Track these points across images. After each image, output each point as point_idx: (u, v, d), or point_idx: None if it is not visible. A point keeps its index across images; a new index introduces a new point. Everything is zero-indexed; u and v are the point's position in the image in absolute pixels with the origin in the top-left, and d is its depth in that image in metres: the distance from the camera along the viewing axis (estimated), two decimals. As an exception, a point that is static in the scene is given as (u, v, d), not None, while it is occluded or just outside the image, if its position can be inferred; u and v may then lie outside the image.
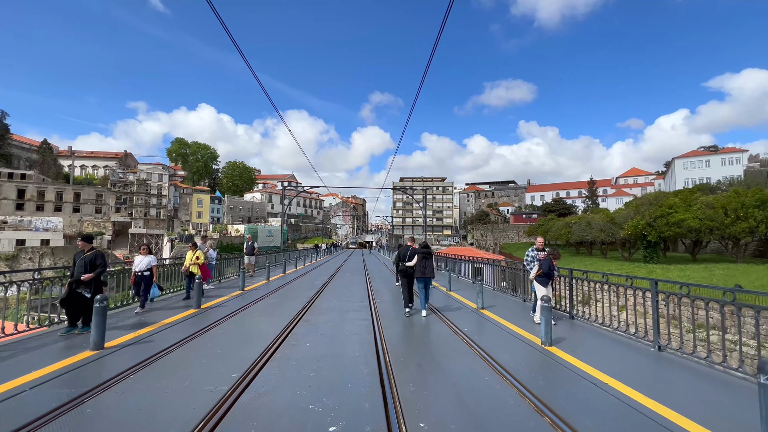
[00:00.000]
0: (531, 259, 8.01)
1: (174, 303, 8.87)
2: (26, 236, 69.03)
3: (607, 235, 34.17)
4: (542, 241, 8.21)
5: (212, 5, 5.77)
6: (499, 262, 13.84)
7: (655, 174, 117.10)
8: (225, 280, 14.00)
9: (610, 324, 6.66)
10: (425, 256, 8.28)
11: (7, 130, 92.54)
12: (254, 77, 8.32)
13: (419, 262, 8.20)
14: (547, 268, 7.10)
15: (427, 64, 7.66)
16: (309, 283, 13.61)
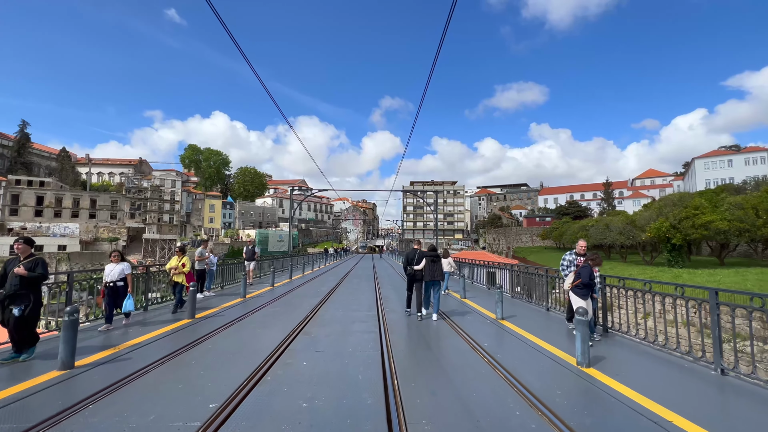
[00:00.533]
0: (567, 264, 7.02)
1: (163, 315, 8.21)
2: (44, 242, 70.55)
3: (627, 238, 32.69)
4: (585, 246, 7.09)
5: (219, 17, 5.24)
6: (513, 267, 13.00)
7: (674, 175, 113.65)
8: (229, 286, 13.43)
9: (654, 340, 5.75)
10: (433, 259, 8.25)
11: (28, 139, 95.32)
12: (262, 85, 7.77)
13: (428, 266, 8.14)
14: (587, 277, 6.08)
15: (432, 67, 7.39)
16: (314, 290, 12.93)
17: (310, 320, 7.57)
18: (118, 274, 6.87)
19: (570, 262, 6.96)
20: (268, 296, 11.12)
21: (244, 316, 7.94)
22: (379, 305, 9.61)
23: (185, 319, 7.42)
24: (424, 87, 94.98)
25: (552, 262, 47.39)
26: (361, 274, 20.56)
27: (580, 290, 6.14)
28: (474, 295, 11.79)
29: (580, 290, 6.14)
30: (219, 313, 8.29)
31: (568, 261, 7.05)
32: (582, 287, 6.12)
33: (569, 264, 6.95)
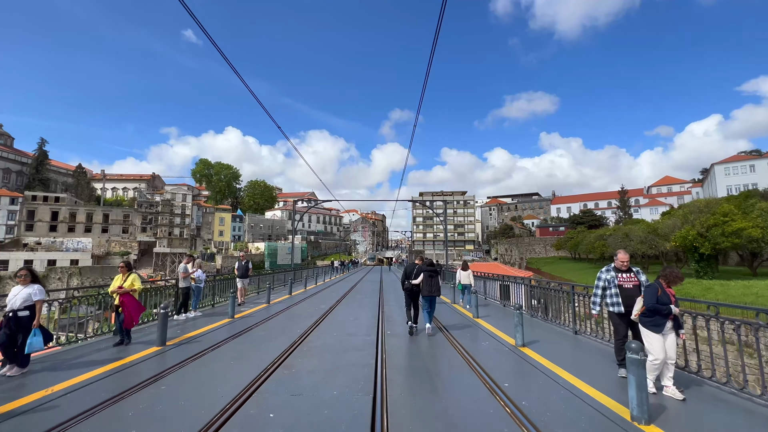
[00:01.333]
0: (606, 284, 5.24)
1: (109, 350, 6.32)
2: (57, 257, 71.41)
3: (649, 248, 30.83)
4: (626, 260, 5.29)
5: (215, 45, 4.48)
6: (530, 281, 11.76)
7: (691, 182, 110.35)
8: (222, 304, 12.47)
9: (727, 381, 4.47)
10: (431, 274, 8.16)
11: (46, 156, 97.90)
12: (258, 101, 6.98)
13: (425, 281, 8.08)
14: (651, 299, 4.39)
15: (426, 74, 6.08)
16: (312, 308, 11.84)
17: (296, 348, 6.47)
18: (21, 301, 5.12)
19: (609, 282, 5.22)
20: (259, 316, 10.06)
21: (223, 342, 6.87)
22: (380, 327, 8.46)
23: (153, 347, 6.40)
24: (433, 98, 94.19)
25: (568, 273, 45.35)
26: (366, 289, 19.39)
27: (649, 319, 4.43)
28: (488, 313, 10.53)
29: (649, 319, 4.43)
30: (196, 338, 7.25)
31: (605, 280, 5.27)
32: (649, 315, 4.43)
33: (608, 284, 5.21)
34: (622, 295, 5.02)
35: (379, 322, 9.09)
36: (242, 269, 13.00)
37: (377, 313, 10.74)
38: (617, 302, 5.03)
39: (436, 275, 8.30)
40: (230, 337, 7.30)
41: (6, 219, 75.02)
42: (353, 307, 12.10)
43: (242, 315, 10.17)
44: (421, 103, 9.14)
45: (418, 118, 10.50)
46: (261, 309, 11.51)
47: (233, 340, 7.16)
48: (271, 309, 11.59)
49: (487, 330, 8.18)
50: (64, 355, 6.05)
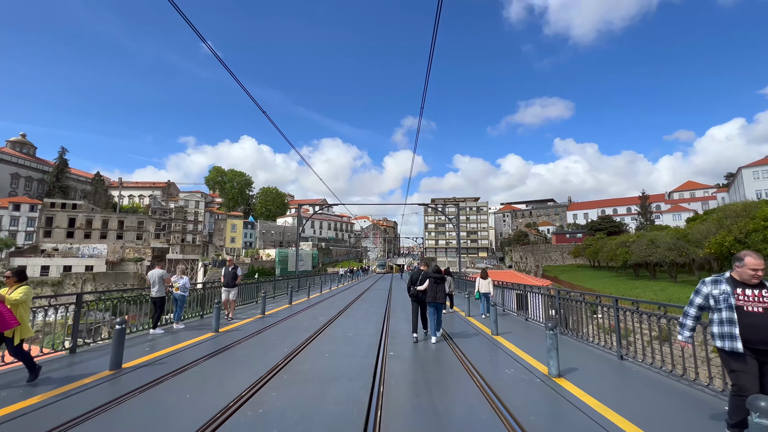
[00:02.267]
0: (711, 303, 3.48)
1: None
2: (73, 263, 72.45)
3: (678, 255, 28.71)
4: (761, 267, 3.33)
5: (217, 56, 3.57)
6: (547, 290, 10.52)
7: (716, 187, 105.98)
8: (212, 316, 11.46)
9: None
10: (437, 280, 8.15)
11: (66, 164, 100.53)
12: (262, 111, 6.07)
13: (431, 287, 8.06)
14: None
15: (426, 76, 5.14)
16: (309, 321, 10.68)
17: (276, 373, 5.29)
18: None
19: (718, 299, 3.41)
20: (247, 329, 8.94)
21: (189, 365, 5.69)
22: (382, 346, 7.21)
23: (101, 372, 5.29)
24: (445, 105, 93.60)
25: (590, 282, 43.08)
26: (372, 298, 18.10)
27: None
28: (508, 329, 9.15)
29: None
30: (162, 359, 6.10)
31: (710, 297, 3.49)
32: None
33: (717, 303, 3.41)
34: (742, 322, 3.23)
35: (382, 339, 7.85)
36: (229, 276, 10.85)
37: (381, 327, 9.49)
38: (731, 333, 3.26)
39: (442, 281, 8.24)
40: (202, 358, 6.13)
41: (26, 225, 76.85)
42: (355, 319, 10.87)
43: (228, 329, 9.07)
44: (423, 104, 9.30)
45: (420, 120, 10.76)
46: (253, 321, 10.40)
47: (204, 361, 5.99)
48: (265, 321, 10.48)
49: (510, 352, 6.83)
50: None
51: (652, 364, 5.57)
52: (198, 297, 10.60)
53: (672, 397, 4.39)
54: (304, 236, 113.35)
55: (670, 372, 5.19)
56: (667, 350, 5.25)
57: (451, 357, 6.41)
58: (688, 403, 4.26)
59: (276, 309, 13.10)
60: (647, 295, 25.96)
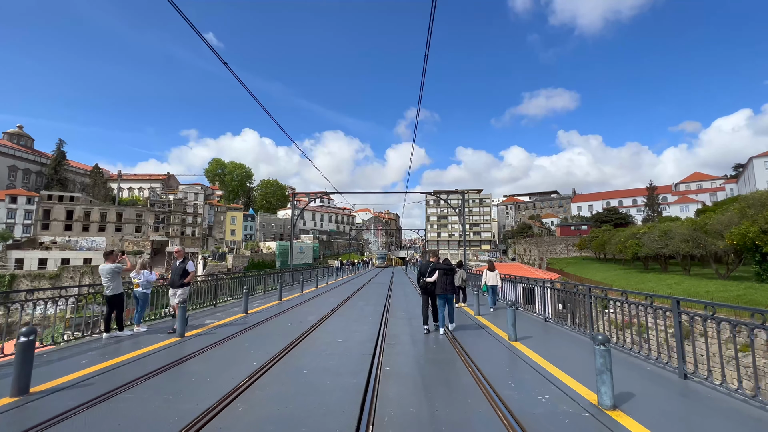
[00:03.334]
0: None
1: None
2: (71, 255, 71.69)
3: (695, 247, 27.24)
4: None
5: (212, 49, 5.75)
6: (575, 285, 9.36)
7: (724, 178, 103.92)
8: (202, 310, 10.19)
9: None
10: (446, 272, 8.16)
11: (64, 156, 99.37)
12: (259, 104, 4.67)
13: (440, 279, 8.07)
14: None
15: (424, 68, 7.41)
16: (295, 321, 9.35)
17: (226, 407, 3.95)
18: None
19: None
20: (218, 333, 7.62)
21: (124, 388, 4.36)
22: (377, 356, 5.88)
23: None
24: (449, 97, 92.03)
25: (597, 275, 41.71)
26: (371, 295, 16.71)
27: None
28: (527, 332, 7.81)
29: None
30: (90, 378, 4.75)
31: None
32: None
33: None
34: None
35: (377, 347, 6.51)
36: (177, 271, 8.29)
37: (378, 330, 8.16)
38: None
39: (451, 273, 8.24)
40: (140, 378, 4.74)
41: (23, 218, 75.96)
42: (348, 320, 9.54)
43: (199, 332, 7.75)
44: (421, 97, 9.41)
45: (419, 112, 9.76)
46: (230, 322, 9.10)
47: (143, 382, 4.62)
48: (246, 321, 9.19)
49: (538, 366, 5.43)
50: None
51: (722, 384, 4.20)
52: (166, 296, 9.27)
53: None
54: (305, 229, 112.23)
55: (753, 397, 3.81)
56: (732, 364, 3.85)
57: (465, 375, 5.07)
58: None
59: (262, 306, 11.80)
60: (662, 289, 24.60)
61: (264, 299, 14.03)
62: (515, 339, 6.99)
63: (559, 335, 7.73)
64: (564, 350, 6.40)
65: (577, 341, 7.04)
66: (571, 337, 7.49)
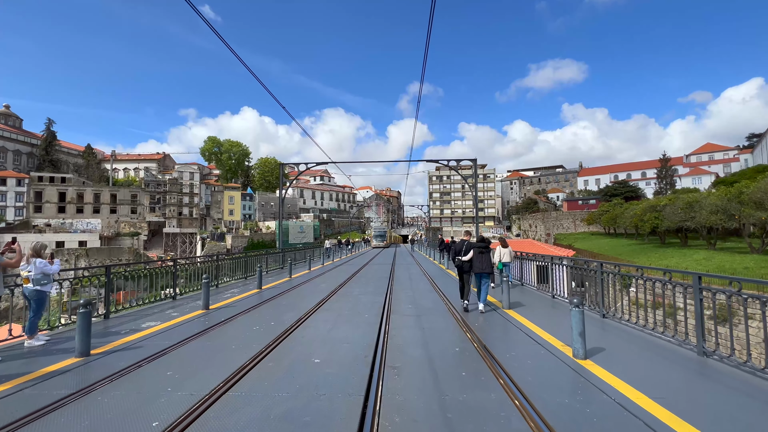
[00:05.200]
0: None
1: None
2: (66, 238, 70.11)
3: (728, 219, 24.80)
4: None
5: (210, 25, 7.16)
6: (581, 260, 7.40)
7: (737, 149, 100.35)
8: (139, 311, 7.97)
9: None
10: (482, 250, 8.17)
11: (55, 137, 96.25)
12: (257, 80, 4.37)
13: (476, 257, 8.11)
14: None
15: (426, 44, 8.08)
16: (268, 320, 7.10)
17: None
18: None
19: None
20: (150, 346, 5.37)
21: None
22: (374, 389, 3.64)
23: None
24: (453, 71, 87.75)
25: (611, 250, 39.49)
26: (368, 281, 14.27)
27: None
28: (552, 320, 5.56)
29: None
30: None
31: None
32: None
33: None
34: None
35: (372, 383, 4.07)
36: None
37: (375, 345, 5.56)
38: None
39: (487, 251, 8.27)
40: None
41: (15, 200, 73.98)
42: (338, 321, 7.14)
43: (111, 347, 5.48)
44: (424, 72, 9.43)
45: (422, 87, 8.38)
46: (183, 321, 6.88)
47: None
48: (209, 319, 7.00)
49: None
50: None
51: None
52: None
53: None
54: (305, 208, 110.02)
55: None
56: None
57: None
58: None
59: (231, 299, 9.52)
60: (693, 266, 22.36)
61: (242, 287, 11.83)
62: (584, 356, 4.61)
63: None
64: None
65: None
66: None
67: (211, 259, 12.01)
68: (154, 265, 7.93)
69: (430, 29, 7.45)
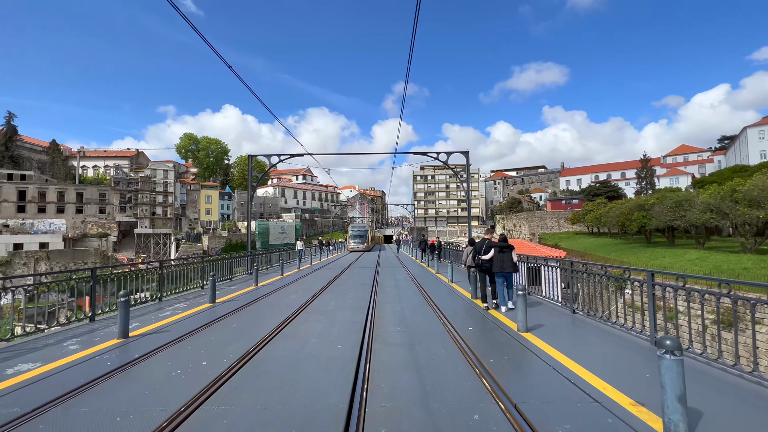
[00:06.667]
0: None
1: None
2: (25, 240, 64.94)
3: (721, 218, 24.13)
4: None
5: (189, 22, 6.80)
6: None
7: (710, 150, 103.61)
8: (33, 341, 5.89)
9: None
10: (502, 249, 7.88)
11: (15, 131, 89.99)
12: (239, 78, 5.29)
13: (496, 256, 7.87)
14: None
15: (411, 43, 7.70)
16: (198, 362, 5.17)
17: None
18: None
19: None
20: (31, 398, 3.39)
21: None
22: None
23: None
24: (438, 72, 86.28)
25: (599, 250, 38.86)
26: (345, 290, 12.40)
27: None
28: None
29: None
30: None
31: None
32: None
33: None
34: None
35: None
36: None
37: (352, 387, 3.90)
38: None
39: (508, 250, 7.91)
40: None
41: (-33, 200, 68.33)
42: (302, 356, 5.06)
43: None
44: (409, 70, 9.20)
45: (406, 88, 9.88)
46: (76, 362, 4.85)
47: None
48: (121, 354, 4.99)
49: None
50: None
51: None
52: None
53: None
54: (287, 207, 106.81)
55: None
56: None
57: None
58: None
59: (166, 320, 7.45)
60: (692, 268, 21.44)
61: (194, 300, 9.74)
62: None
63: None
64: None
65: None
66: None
67: (143, 265, 9.87)
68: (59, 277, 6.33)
69: (415, 29, 7.36)
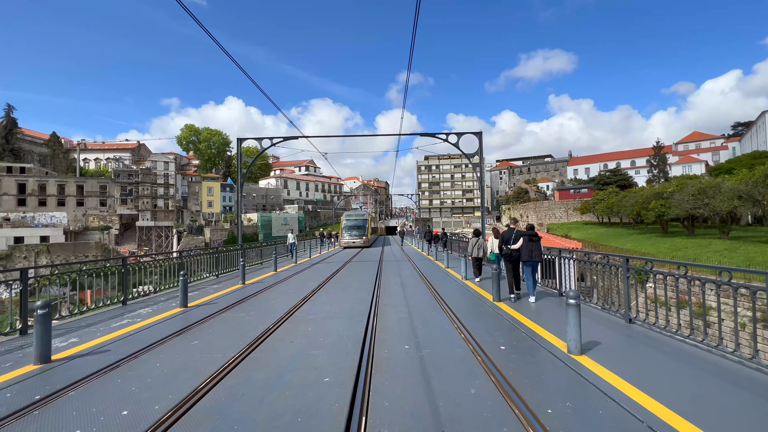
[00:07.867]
0: None
1: None
2: (25, 233, 64.34)
3: (753, 205, 22.35)
4: None
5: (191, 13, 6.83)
6: None
7: (723, 137, 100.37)
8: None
9: None
10: (531, 238, 7.97)
11: (15, 124, 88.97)
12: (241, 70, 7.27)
13: (525, 245, 7.95)
14: None
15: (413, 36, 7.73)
16: (167, 376, 3.78)
17: None
18: None
19: None
20: None
21: None
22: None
23: None
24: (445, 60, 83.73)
25: (616, 240, 37.13)
26: (343, 288, 10.89)
27: None
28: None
29: None
30: None
31: None
32: None
33: None
34: None
35: None
36: None
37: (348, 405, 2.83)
38: None
39: (537, 239, 7.96)
40: None
41: (-33, 193, 67.76)
42: (276, 391, 3.82)
43: None
44: (411, 62, 9.20)
45: (408, 76, 10.95)
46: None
47: None
48: (44, 382, 3.62)
49: None
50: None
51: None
52: None
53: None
54: (290, 199, 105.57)
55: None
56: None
57: None
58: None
59: (119, 331, 6.01)
60: (722, 261, 19.79)
61: (166, 302, 8.37)
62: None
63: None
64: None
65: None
66: None
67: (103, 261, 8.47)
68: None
69: (417, 16, 7.38)
